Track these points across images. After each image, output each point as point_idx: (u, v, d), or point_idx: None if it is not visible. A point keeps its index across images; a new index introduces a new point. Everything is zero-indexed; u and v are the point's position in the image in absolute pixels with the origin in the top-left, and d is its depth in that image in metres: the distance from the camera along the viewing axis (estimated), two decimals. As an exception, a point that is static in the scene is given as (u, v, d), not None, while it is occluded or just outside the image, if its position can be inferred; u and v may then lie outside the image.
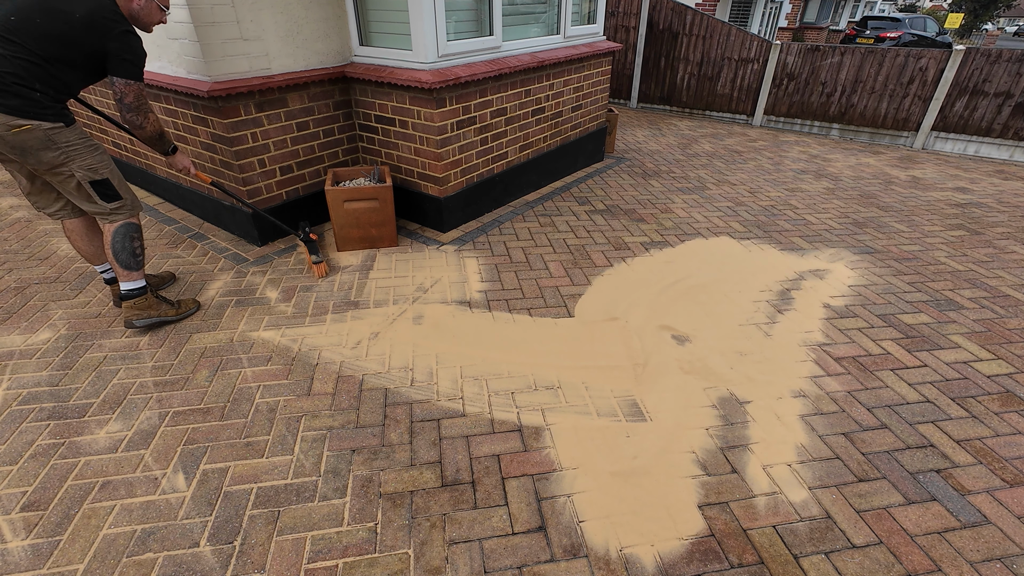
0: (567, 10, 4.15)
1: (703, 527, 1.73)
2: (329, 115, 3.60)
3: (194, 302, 2.81)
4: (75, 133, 2.21)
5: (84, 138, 2.24)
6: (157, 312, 2.61)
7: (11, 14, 2.00)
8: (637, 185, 4.87)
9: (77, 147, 2.21)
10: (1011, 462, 2.00)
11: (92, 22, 2.05)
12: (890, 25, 13.90)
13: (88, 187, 2.29)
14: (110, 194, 2.36)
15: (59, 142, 2.15)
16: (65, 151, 2.17)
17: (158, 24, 2.37)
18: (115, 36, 2.10)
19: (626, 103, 8.62)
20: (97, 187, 2.31)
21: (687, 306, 2.95)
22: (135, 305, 2.55)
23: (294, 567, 1.58)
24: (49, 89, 2.09)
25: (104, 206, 2.38)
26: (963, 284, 3.29)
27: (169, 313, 2.66)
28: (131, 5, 2.21)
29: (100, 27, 2.07)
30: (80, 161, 2.23)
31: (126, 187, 2.45)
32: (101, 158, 2.31)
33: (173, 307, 2.69)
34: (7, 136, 2.06)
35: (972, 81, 5.89)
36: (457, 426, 2.11)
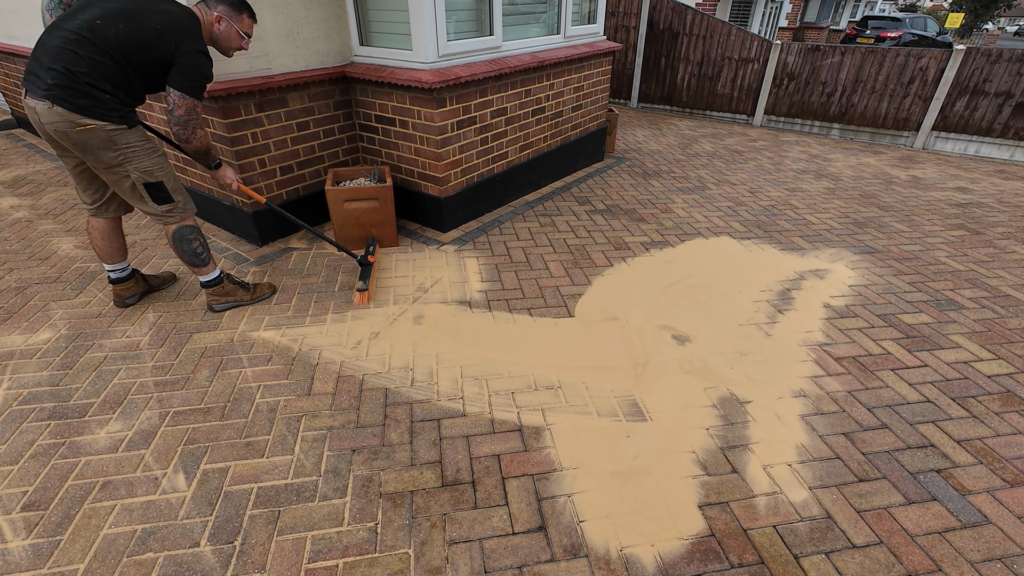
0: (567, 10, 4.15)
1: (703, 527, 1.73)
2: (329, 115, 3.60)
3: (269, 287, 2.94)
4: (136, 135, 2.25)
5: (144, 140, 2.29)
6: (234, 297, 2.79)
7: (97, 17, 2.08)
8: (637, 185, 4.87)
9: (136, 149, 2.25)
10: (1011, 462, 2.00)
11: (168, 32, 2.13)
12: (890, 25, 13.89)
13: (142, 189, 2.34)
14: (162, 197, 2.41)
15: (119, 143, 2.19)
16: (124, 152, 2.22)
17: (237, 50, 2.45)
18: (185, 52, 2.17)
19: (626, 103, 8.62)
20: (151, 189, 2.36)
21: (687, 306, 2.95)
22: (213, 292, 2.73)
23: (294, 567, 1.58)
24: (119, 92, 2.15)
25: (156, 208, 2.42)
26: (963, 284, 3.29)
27: (244, 298, 2.81)
28: (212, 29, 2.33)
29: (175, 39, 2.14)
30: (137, 163, 2.27)
31: (181, 190, 2.49)
32: (159, 161, 2.35)
33: (248, 292, 2.84)
34: (71, 133, 2.12)
35: (973, 81, 5.89)
36: (457, 426, 2.11)
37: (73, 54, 2.03)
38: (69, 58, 2.03)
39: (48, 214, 3.97)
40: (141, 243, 3.54)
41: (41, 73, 2.05)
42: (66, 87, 2.05)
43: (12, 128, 6.32)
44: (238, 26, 2.38)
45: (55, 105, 2.06)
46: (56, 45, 2.04)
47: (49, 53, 2.05)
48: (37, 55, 2.08)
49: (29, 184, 4.56)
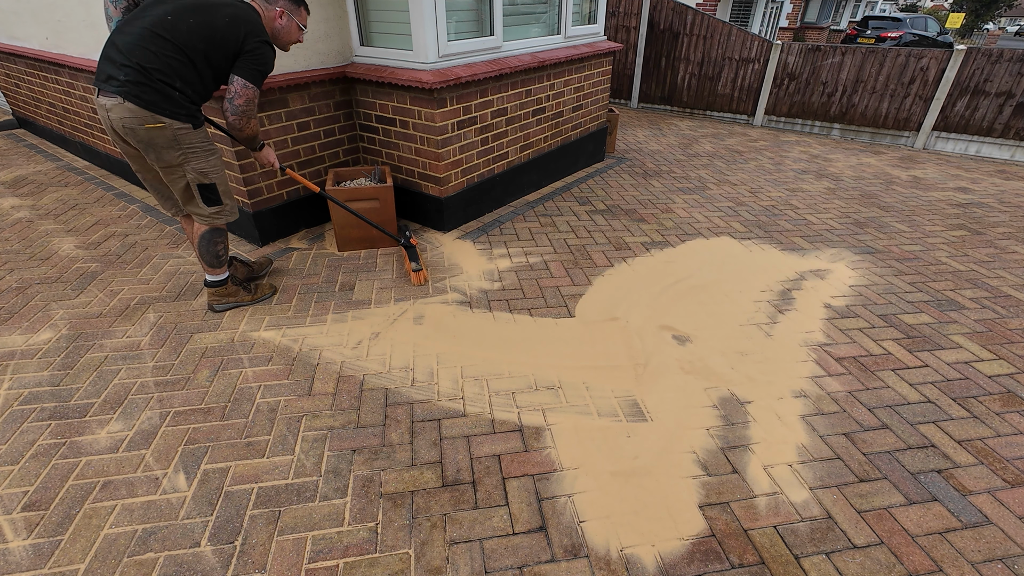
0: (568, 10, 4.15)
1: (704, 527, 1.73)
2: (330, 115, 3.60)
3: (270, 287, 2.96)
4: (200, 136, 2.28)
5: (206, 141, 2.32)
6: (236, 298, 2.80)
7: (168, 14, 2.11)
8: (638, 185, 4.87)
9: (197, 150, 2.29)
10: (1012, 462, 2.00)
11: (237, 24, 2.18)
12: (891, 25, 13.89)
13: (195, 189, 2.38)
14: (214, 199, 2.44)
15: (183, 143, 2.23)
16: (185, 152, 2.26)
17: (295, 43, 2.51)
18: (254, 43, 2.22)
19: (627, 103, 8.62)
20: (204, 191, 2.39)
21: (688, 306, 2.95)
22: (216, 292, 2.75)
23: (295, 567, 1.58)
24: (188, 89, 2.18)
25: (204, 209, 2.46)
26: (964, 284, 3.29)
27: (245, 298, 2.83)
28: (274, 23, 2.37)
29: (244, 29, 2.19)
30: (195, 163, 2.31)
31: (229, 193, 2.52)
32: (215, 163, 2.38)
33: (249, 292, 2.86)
34: (139, 130, 2.14)
35: (973, 81, 5.89)
36: (458, 426, 2.11)
37: (146, 51, 2.07)
38: (143, 55, 2.07)
39: (49, 214, 3.97)
40: (142, 243, 3.54)
41: (114, 72, 2.08)
42: (139, 83, 2.08)
43: (13, 128, 6.33)
44: (297, 19, 2.43)
45: (127, 101, 2.09)
46: (129, 42, 2.08)
47: (122, 51, 2.08)
48: (108, 55, 2.11)
49: (30, 184, 4.56)
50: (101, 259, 3.33)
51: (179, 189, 2.40)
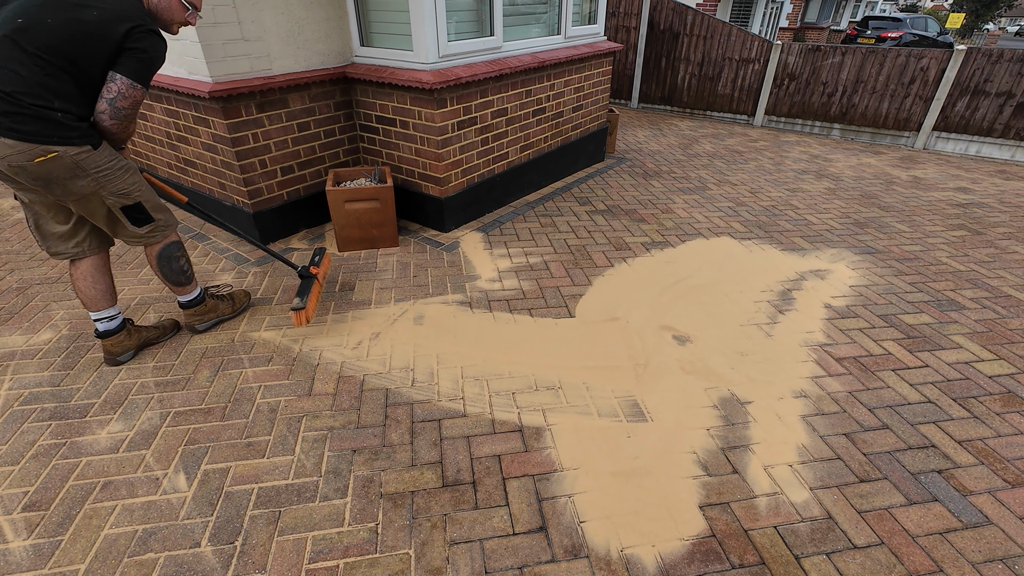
0: (568, 10, 4.15)
1: (704, 527, 1.73)
2: (330, 115, 3.60)
3: (245, 295, 2.81)
4: (105, 155, 1.94)
5: (115, 159, 1.99)
6: (216, 313, 2.63)
7: (17, 15, 1.70)
8: (638, 185, 4.87)
9: (108, 171, 1.95)
10: (1013, 462, 2.00)
11: (115, 18, 1.77)
12: (891, 25, 13.89)
13: (119, 213, 2.09)
14: (142, 218, 2.17)
15: (89, 168, 1.88)
16: (96, 178, 1.92)
17: (182, 25, 2.08)
18: (138, 34, 1.81)
19: (627, 103, 8.62)
20: (129, 212, 2.11)
21: (688, 306, 2.95)
22: (195, 312, 2.55)
23: (295, 567, 1.58)
24: (71, 106, 1.80)
25: (137, 230, 2.19)
26: (964, 284, 3.28)
27: (226, 311, 2.68)
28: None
29: (122, 26, 1.78)
30: (112, 186, 1.99)
31: (161, 206, 2.25)
32: (133, 179, 2.07)
33: (229, 304, 2.70)
34: (29, 167, 1.79)
35: (973, 81, 5.89)
36: (458, 426, 2.11)
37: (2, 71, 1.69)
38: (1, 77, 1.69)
39: (49, 214, 3.97)
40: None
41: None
42: (8, 113, 1.71)
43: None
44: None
45: (2, 137, 1.73)
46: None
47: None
48: None
49: (30, 185, 4.55)
50: (101, 259, 3.33)
51: (101, 219, 2.08)
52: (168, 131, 3.58)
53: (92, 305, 2.28)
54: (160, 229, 2.26)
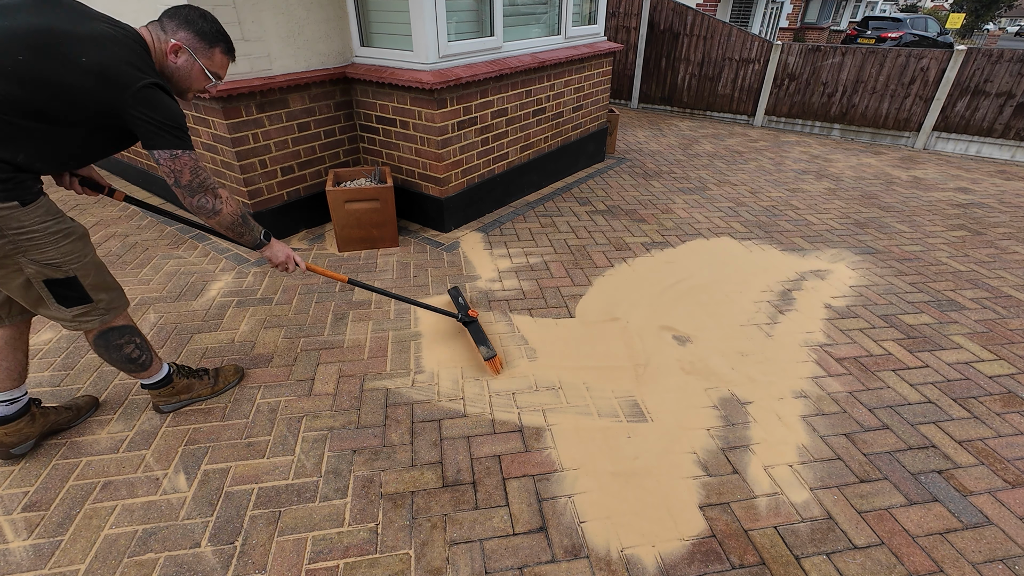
0: (568, 11, 4.16)
1: (704, 528, 1.73)
2: (330, 116, 3.60)
3: (236, 372, 2.30)
4: (36, 214, 1.51)
5: (49, 220, 1.55)
6: (189, 395, 2.15)
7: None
8: (638, 185, 4.87)
9: (34, 235, 1.52)
10: (1013, 463, 2.00)
11: (105, 72, 1.42)
12: (891, 25, 13.90)
13: (40, 287, 1.62)
14: (73, 296, 1.67)
15: (8, 227, 1.47)
16: (13, 240, 1.49)
17: (199, 93, 1.78)
18: (136, 92, 1.45)
19: (627, 103, 8.62)
20: (55, 287, 1.63)
21: (688, 306, 2.95)
22: (161, 394, 2.09)
23: (295, 567, 1.58)
24: (18, 153, 1.43)
25: (63, 312, 1.69)
26: (965, 284, 3.28)
27: (203, 392, 2.18)
28: (165, 61, 1.62)
29: (115, 79, 1.44)
30: (36, 253, 1.54)
31: (107, 285, 1.76)
32: (72, 248, 1.61)
33: (208, 383, 2.19)
34: None
35: (974, 81, 5.89)
36: (458, 427, 2.11)
37: None
38: None
39: (49, 215, 3.97)
40: (142, 243, 3.54)
41: None
42: None
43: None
44: (205, 62, 1.67)
45: None
46: None
47: None
48: None
49: (30, 185, 4.56)
50: (102, 259, 3.33)
51: (14, 288, 1.61)
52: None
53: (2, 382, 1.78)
54: (97, 313, 1.74)
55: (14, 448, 1.87)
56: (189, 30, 1.62)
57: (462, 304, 2.70)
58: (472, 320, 2.57)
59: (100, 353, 1.86)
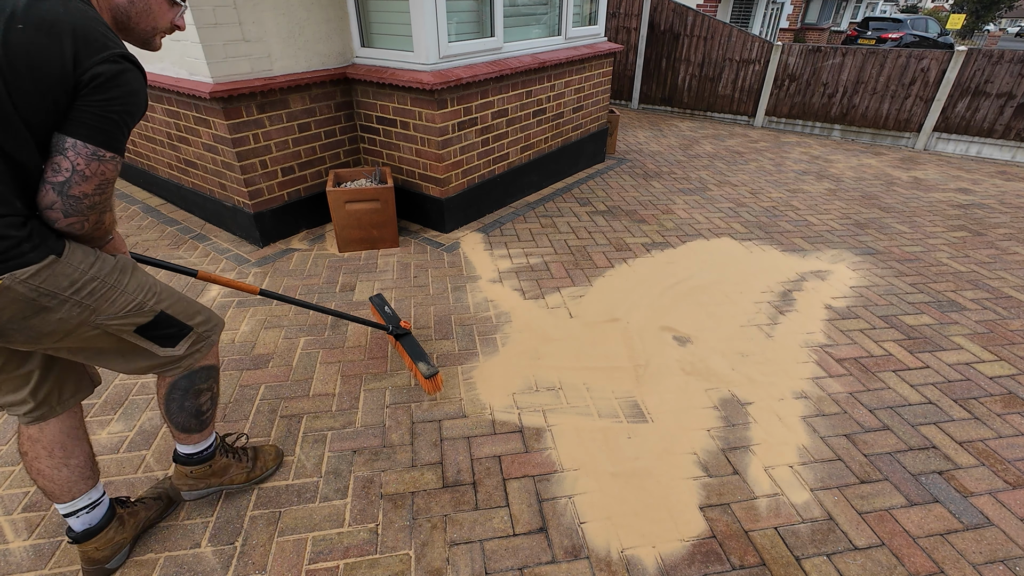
0: (568, 11, 4.16)
1: (704, 528, 1.73)
2: (330, 116, 3.60)
3: (276, 456, 1.91)
4: (78, 259, 1.14)
5: (95, 259, 1.19)
6: (222, 479, 1.73)
7: None
8: (638, 186, 4.87)
9: (95, 285, 1.18)
10: (1014, 464, 1.99)
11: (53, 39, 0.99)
12: (891, 26, 13.90)
13: (138, 339, 1.32)
14: (175, 333, 1.38)
15: (61, 288, 1.12)
16: (79, 303, 1.16)
17: (167, 33, 1.29)
18: (97, 68, 1.02)
19: (627, 104, 8.62)
20: (151, 332, 1.33)
21: (688, 307, 2.95)
22: (192, 474, 1.66)
23: (295, 568, 1.58)
24: (14, 198, 1.04)
25: (169, 353, 1.40)
26: (965, 285, 3.28)
27: (238, 479, 1.77)
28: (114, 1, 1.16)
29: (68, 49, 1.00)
30: (109, 307, 1.21)
31: (191, 305, 1.44)
32: (138, 283, 1.28)
33: (245, 469, 1.79)
34: None
35: (974, 82, 5.89)
36: (458, 427, 2.11)
37: None
38: None
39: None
40: (143, 244, 3.54)
41: None
42: None
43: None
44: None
45: None
46: None
47: None
48: None
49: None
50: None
51: (108, 354, 1.32)
52: (169, 132, 3.58)
53: (62, 494, 1.42)
54: (204, 338, 1.48)
55: (109, 563, 1.53)
56: None
57: (390, 314, 2.48)
58: (405, 332, 2.39)
59: (172, 401, 1.49)
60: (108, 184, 1.12)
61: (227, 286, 1.83)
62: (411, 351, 2.31)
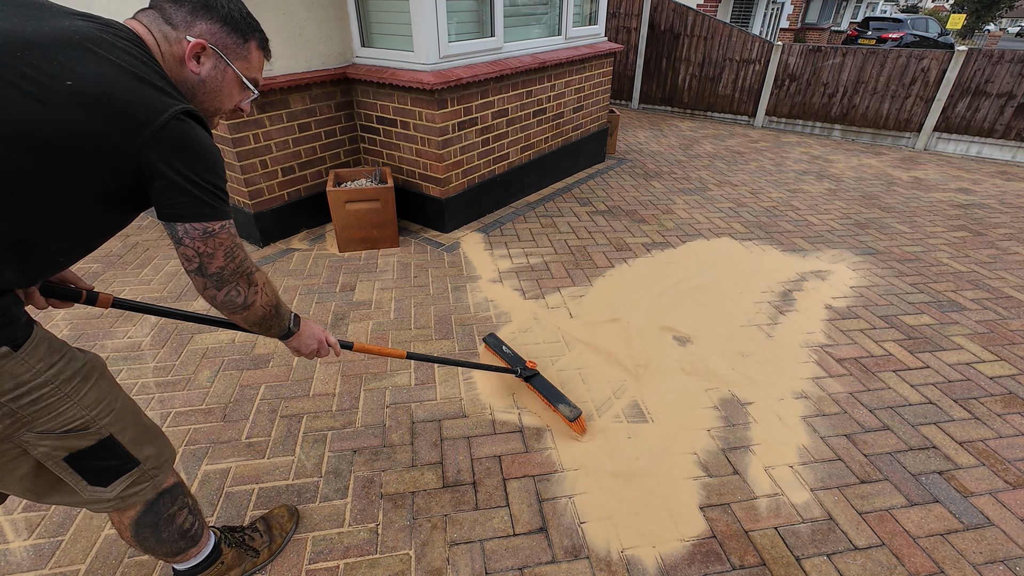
0: (568, 11, 4.16)
1: (705, 528, 1.73)
2: (331, 116, 3.61)
3: (291, 515, 1.72)
4: (37, 358, 0.93)
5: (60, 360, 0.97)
6: (241, 569, 1.54)
7: None
8: (638, 186, 4.87)
9: (44, 392, 0.94)
10: (1014, 464, 1.99)
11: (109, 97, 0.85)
12: (892, 26, 13.90)
13: (63, 469, 1.04)
14: (113, 466, 1.10)
15: None
16: (11, 411, 0.92)
17: (232, 114, 1.18)
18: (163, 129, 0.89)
19: (627, 104, 8.62)
20: (84, 462, 1.05)
21: (688, 307, 2.95)
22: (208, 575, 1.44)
23: (295, 568, 1.58)
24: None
25: (101, 493, 1.11)
26: (965, 285, 3.28)
27: (261, 557, 1.59)
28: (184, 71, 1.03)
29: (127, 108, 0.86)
30: (50, 419, 0.97)
31: (147, 431, 1.17)
32: (98, 395, 1.04)
33: (264, 543, 1.60)
34: None
35: (974, 82, 5.88)
36: (458, 427, 2.11)
37: None
38: None
39: (50, 215, 3.97)
40: (143, 244, 3.54)
41: None
42: None
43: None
44: (240, 65, 1.08)
45: None
46: None
47: None
48: None
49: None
50: (102, 260, 3.33)
51: (16, 482, 1.06)
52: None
53: None
54: (149, 478, 1.17)
55: None
56: (212, 19, 1.02)
57: (509, 354, 2.34)
58: (534, 373, 2.22)
59: (144, 539, 1.24)
60: (234, 249, 1.04)
61: (378, 354, 1.68)
62: (546, 392, 2.14)
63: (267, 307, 1.18)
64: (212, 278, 1.03)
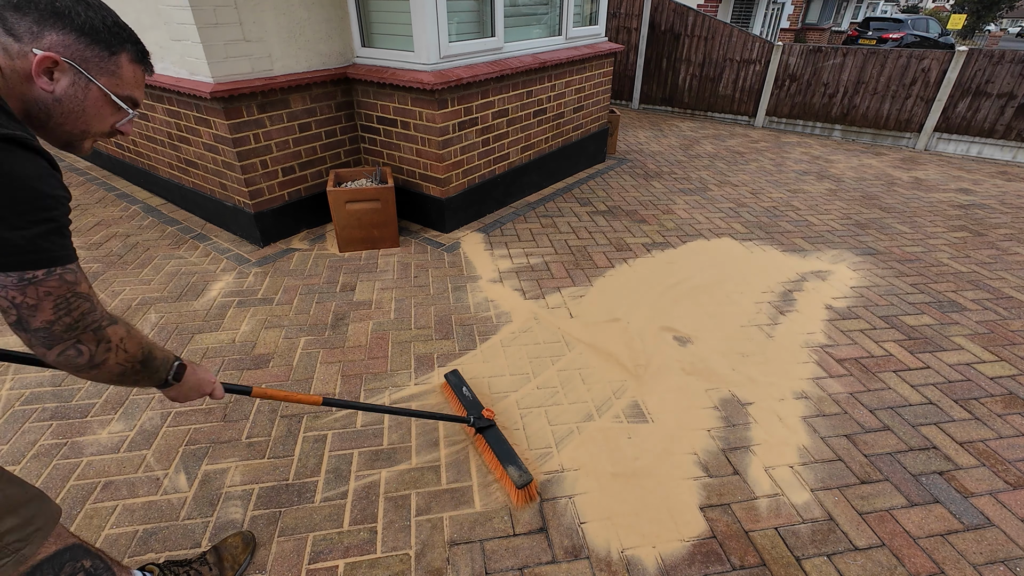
0: (569, 11, 4.16)
1: (705, 529, 1.73)
2: (331, 116, 3.61)
3: (246, 543, 1.62)
4: None
5: None
6: None
7: None
8: (639, 186, 4.87)
9: None
10: (1014, 464, 1.99)
11: None
12: (892, 26, 13.90)
13: None
14: None
15: None
16: None
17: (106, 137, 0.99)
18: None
19: (628, 104, 8.62)
20: None
21: (689, 307, 2.95)
22: None
23: (295, 568, 1.58)
24: None
25: None
26: (966, 286, 3.28)
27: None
28: (32, 90, 0.86)
29: None
30: None
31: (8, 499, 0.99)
32: None
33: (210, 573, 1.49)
34: None
35: (975, 82, 5.88)
36: (458, 427, 2.10)
37: None
38: None
39: (51, 215, 3.97)
40: (143, 244, 3.54)
41: None
42: None
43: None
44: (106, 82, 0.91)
45: None
46: None
47: None
48: None
49: (32, 185, 4.56)
50: (103, 260, 3.33)
51: None
52: (169, 131, 3.58)
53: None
54: (10, 552, 0.99)
55: None
56: (65, 28, 0.85)
57: (468, 397, 2.02)
58: (489, 424, 1.93)
59: None
60: (69, 299, 0.85)
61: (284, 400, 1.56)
62: (497, 449, 1.84)
63: (127, 363, 0.97)
64: (37, 334, 0.84)
